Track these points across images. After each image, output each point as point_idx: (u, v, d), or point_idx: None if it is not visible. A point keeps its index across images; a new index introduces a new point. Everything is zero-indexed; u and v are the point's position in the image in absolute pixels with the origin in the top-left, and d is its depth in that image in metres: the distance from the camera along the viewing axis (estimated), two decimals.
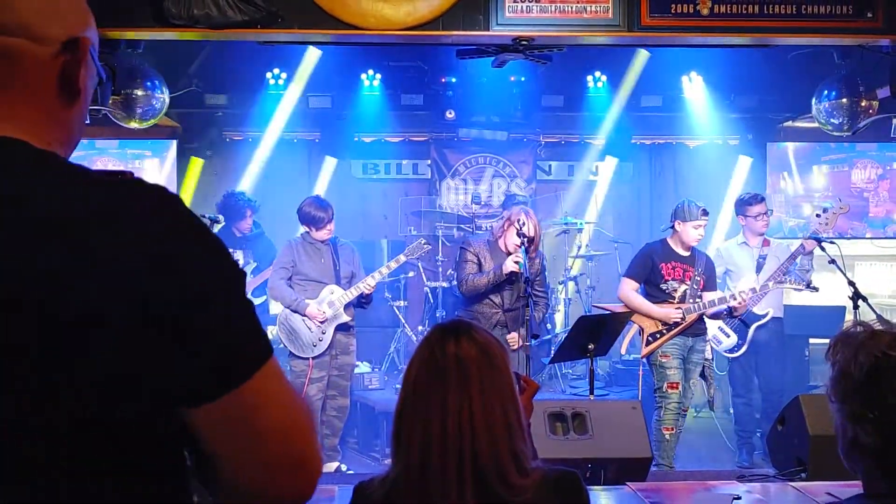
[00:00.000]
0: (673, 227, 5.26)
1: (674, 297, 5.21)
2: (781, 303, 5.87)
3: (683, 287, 5.22)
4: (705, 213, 5.21)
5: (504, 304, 5.12)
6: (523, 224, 4.93)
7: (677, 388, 5.15)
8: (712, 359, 5.46)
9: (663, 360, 5.19)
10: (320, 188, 8.05)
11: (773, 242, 5.82)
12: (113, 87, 5.30)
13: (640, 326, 5.29)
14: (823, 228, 5.35)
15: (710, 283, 5.32)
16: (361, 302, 5.45)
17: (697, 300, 5.21)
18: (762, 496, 3.33)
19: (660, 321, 5.20)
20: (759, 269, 5.60)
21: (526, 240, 4.89)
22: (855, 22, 5.07)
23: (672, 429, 5.12)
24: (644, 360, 5.37)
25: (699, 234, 5.22)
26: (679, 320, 5.16)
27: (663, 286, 5.23)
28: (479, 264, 5.13)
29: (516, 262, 4.89)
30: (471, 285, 5.06)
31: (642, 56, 7.50)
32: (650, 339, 5.24)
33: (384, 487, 1.69)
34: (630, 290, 5.31)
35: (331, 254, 5.44)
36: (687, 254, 5.28)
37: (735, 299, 5.22)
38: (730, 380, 6.05)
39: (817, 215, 5.48)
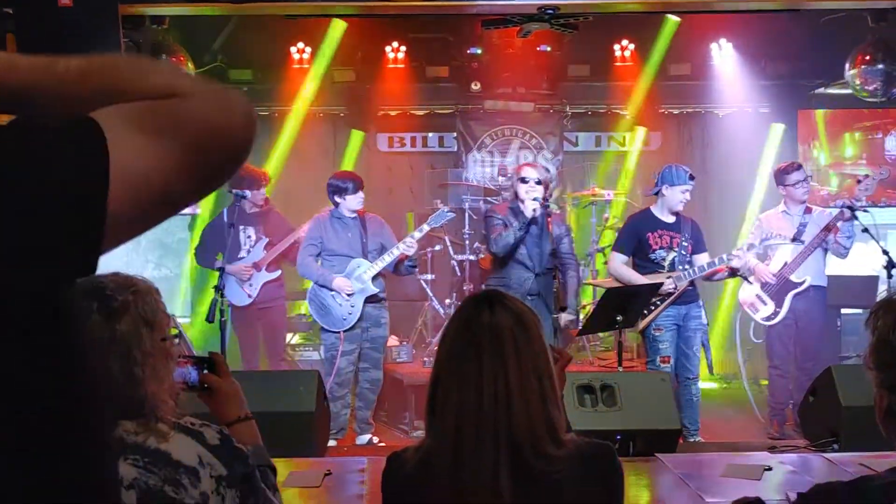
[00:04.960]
0: (660, 191, 5.22)
1: (664, 267, 5.18)
2: (823, 271, 5.68)
3: (672, 254, 5.18)
4: (692, 177, 5.21)
5: (535, 266, 5.16)
6: (524, 172, 5.25)
7: (668, 361, 5.11)
8: (708, 323, 5.40)
9: (656, 334, 5.16)
10: (346, 162, 8.04)
11: (815, 210, 5.71)
12: None
13: None
14: (864, 195, 5.26)
15: (698, 247, 5.27)
16: (409, 267, 5.51)
17: (688, 266, 5.16)
18: (794, 467, 3.30)
19: None
20: (799, 236, 5.51)
21: (533, 180, 5.12)
22: None
23: None
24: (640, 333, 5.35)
25: (685, 198, 5.18)
26: (672, 290, 5.12)
27: (652, 256, 5.19)
28: (506, 226, 5.21)
29: (534, 199, 5.07)
30: (502, 241, 5.14)
31: (671, 24, 7.37)
32: (644, 311, 5.18)
33: (417, 457, 1.69)
34: (620, 265, 5.27)
35: (358, 228, 5.46)
36: (672, 220, 5.24)
37: (737, 259, 5.12)
38: (766, 349, 5.98)
39: (858, 181, 5.38)
